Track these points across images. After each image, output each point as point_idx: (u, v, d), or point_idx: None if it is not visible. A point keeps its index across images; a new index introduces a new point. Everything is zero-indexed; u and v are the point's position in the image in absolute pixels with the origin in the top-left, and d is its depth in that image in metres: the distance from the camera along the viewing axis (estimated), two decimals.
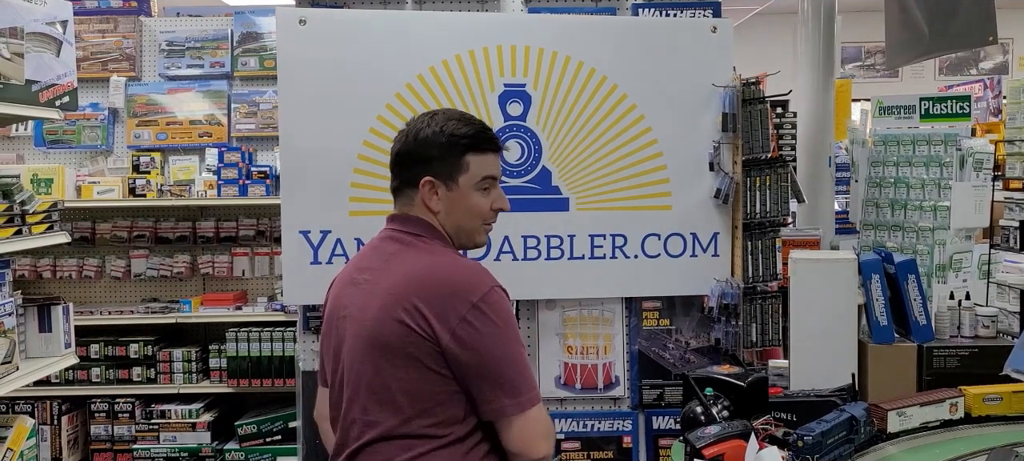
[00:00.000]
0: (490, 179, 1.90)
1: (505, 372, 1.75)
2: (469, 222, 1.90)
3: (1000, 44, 9.70)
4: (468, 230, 1.91)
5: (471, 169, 1.87)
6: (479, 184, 1.89)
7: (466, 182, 1.87)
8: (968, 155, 3.42)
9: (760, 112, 2.86)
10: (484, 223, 1.92)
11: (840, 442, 2.08)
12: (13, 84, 2.90)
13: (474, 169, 1.87)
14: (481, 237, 1.94)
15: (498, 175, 1.92)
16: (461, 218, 1.89)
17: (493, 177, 1.91)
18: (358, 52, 2.76)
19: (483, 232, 1.94)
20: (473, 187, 1.88)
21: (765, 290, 2.89)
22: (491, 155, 1.90)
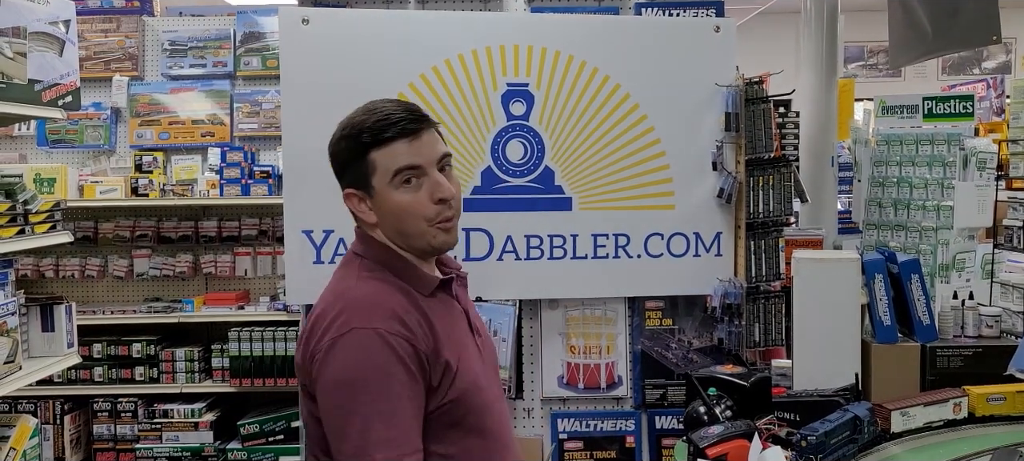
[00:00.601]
0: (409, 170, 1.59)
1: (339, 426, 1.52)
2: (407, 226, 1.62)
3: (1003, 43, 9.68)
4: (413, 234, 1.62)
5: (379, 167, 1.60)
6: (394, 181, 1.60)
7: (380, 183, 1.61)
8: (971, 155, 3.42)
9: (763, 111, 2.85)
10: (431, 222, 1.61)
11: (844, 442, 2.08)
12: (16, 83, 2.90)
13: (382, 166, 1.60)
14: (438, 238, 1.63)
15: (422, 162, 1.60)
16: (396, 223, 1.62)
17: (413, 167, 1.59)
18: (361, 52, 2.76)
19: (438, 231, 1.62)
20: (389, 186, 1.60)
21: (768, 290, 2.88)
22: (399, 143, 1.59)
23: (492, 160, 2.82)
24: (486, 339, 1.82)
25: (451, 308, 1.69)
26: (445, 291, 1.69)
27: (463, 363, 1.63)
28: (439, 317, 1.63)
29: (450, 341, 1.62)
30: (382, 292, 1.60)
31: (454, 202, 1.64)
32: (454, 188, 1.64)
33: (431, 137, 1.62)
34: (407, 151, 1.59)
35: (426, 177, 1.60)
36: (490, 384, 1.73)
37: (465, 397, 1.62)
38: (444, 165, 1.64)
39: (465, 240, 2.79)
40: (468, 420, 1.63)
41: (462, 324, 1.71)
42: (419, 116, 1.62)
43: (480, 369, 1.69)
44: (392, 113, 1.60)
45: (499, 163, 2.82)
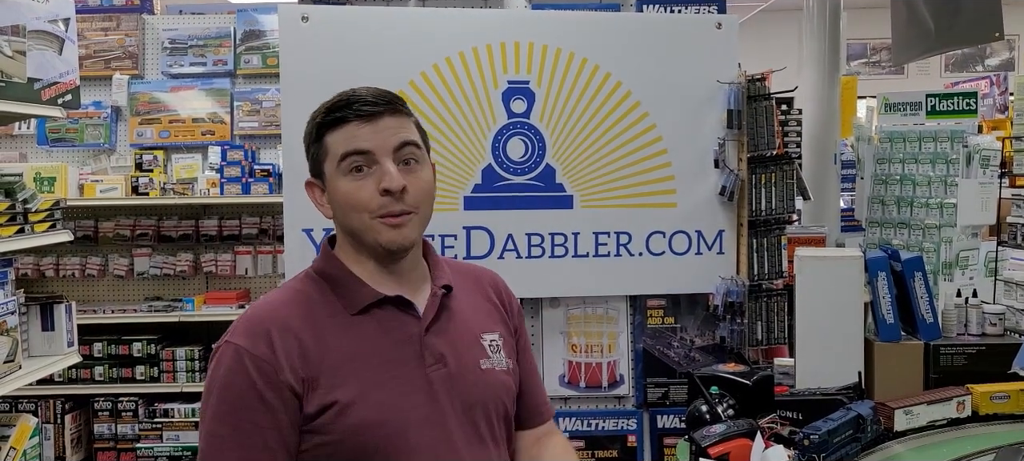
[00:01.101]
0: (357, 155, 1.41)
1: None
2: (351, 219, 1.43)
3: (1006, 40, 9.67)
4: (358, 229, 1.43)
5: (330, 151, 1.43)
6: (342, 167, 1.42)
7: (330, 169, 1.44)
8: (975, 152, 3.40)
9: (765, 109, 2.84)
10: (374, 215, 1.41)
11: (846, 441, 2.07)
12: (15, 82, 2.89)
13: (332, 150, 1.43)
14: (383, 234, 1.42)
15: (371, 147, 1.41)
16: (342, 216, 1.45)
17: (360, 151, 1.40)
18: (360, 49, 2.75)
19: (383, 227, 1.41)
20: (337, 172, 1.43)
21: (770, 288, 2.87)
22: (352, 125, 1.41)
23: (493, 158, 2.81)
24: (463, 371, 1.48)
25: (391, 331, 1.45)
26: (397, 309, 1.46)
27: (364, 400, 1.39)
28: (355, 340, 1.42)
29: (355, 372, 1.40)
30: (280, 304, 1.45)
31: (408, 197, 1.42)
32: (406, 181, 1.42)
33: (391, 123, 1.43)
34: (357, 134, 1.41)
35: (377, 165, 1.41)
36: (425, 426, 1.42)
37: (355, 439, 1.38)
38: (406, 157, 1.43)
39: (466, 238, 2.79)
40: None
41: (403, 351, 1.44)
42: (384, 99, 1.44)
43: (408, 406, 1.41)
44: (353, 95, 1.44)
45: (500, 161, 2.81)
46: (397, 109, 1.46)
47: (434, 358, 1.46)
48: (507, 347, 1.57)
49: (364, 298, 1.45)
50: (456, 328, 1.51)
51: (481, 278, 1.65)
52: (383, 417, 1.39)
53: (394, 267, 1.48)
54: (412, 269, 1.50)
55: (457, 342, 1.50)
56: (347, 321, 1.44)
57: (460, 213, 2.79)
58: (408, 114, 1.48)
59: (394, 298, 1.46)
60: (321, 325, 1.43)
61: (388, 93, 1.47)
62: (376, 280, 1.47)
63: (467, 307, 1.55)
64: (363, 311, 1.45)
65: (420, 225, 1.47)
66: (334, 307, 1.45)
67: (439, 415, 1.44)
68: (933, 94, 3.73)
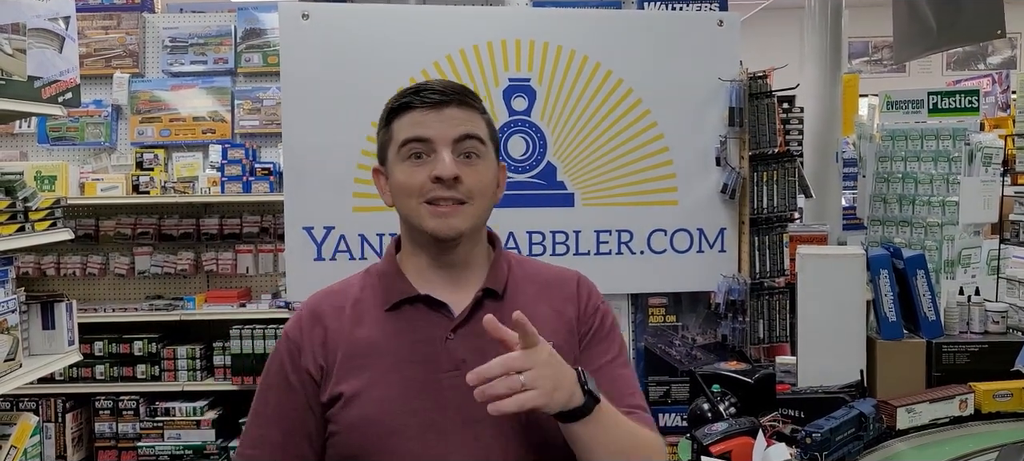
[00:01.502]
0: (416, 142, 1.40)
1: None
2: (403, 205, 1.43)
3: (1008, 38, 9.65)
4: (409, 215, 1.43)
5: (394, 137, 1.44)
6: (401, 153, 1.42)
7: (392, 156, 1.44)
8: (977, 150, 3.39)
9: (767, 106, 2.83)
10: (422, 199, 1.40)
11: (849, 439, 2.06)
12: (15, 80, 2.89)
13: (395, 136, 1.43)
14: (428, 220, 1.40)
15: (431, 135, 1.40)
16: (398, 204, 1.45)
17: (420, 138, 1.40)
18: (361, 47, 2.74)
19: (427, 213, 1.40)
20: (397, 158, 1.43)
21: (772, 286, 2.87)
22: (416, 113, 1.41)
23: None
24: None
25: (415, 330, 1.42)
26: (429, 308, 1.43)
27: (367, 395, 1.38)
28: (378, 335, 1.42)
29: (366, 367, 1.40)
30: (326, 293, 1.50)
31: (461, 187, 1.39)
32: (461, 171, 1.39)
33: (457, 114, 1.42)
34: (420, 121, 1.41)
35: (436, 154, 1.40)
36: (422, 432, 1.37)
37: (352, 433, 1.38)
38: (468, 150, 1.41)
39: None
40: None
41: (420, 352, 1.41)
42: (453, 90, 1.43)
43: (409, 409, 1.37)
44: (424, 83, 1.45)
45: (501, 158, 2.80)
46: (466, 101, 1.44)
47: (452, 363, 1.39)
48: (563, 357, 1.39)
49: (397, 294, 1.44)
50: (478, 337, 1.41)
51: (556, 284, 1.54)
52: (380, 415, 1.37)
53: (444, 260, 1.45)
54: (464, 266, 1.46)
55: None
56: (379, 316, 1.44)
57: None
58: (477, 109, 1.46)
59: (425, 296, 1.43)
60: (354, 317, 1.44)
61: (460, 86, 1.46)
62: (424, 275, 1.45)
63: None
64: (395, 307, 1.44)
65: (472, 218, 1.42)
66: (375, 301, 1.46)
67: (442, 424, 1.37)
68: (935, 92, 3.72)
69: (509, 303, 1.44)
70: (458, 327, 1.42)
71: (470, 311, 1.42)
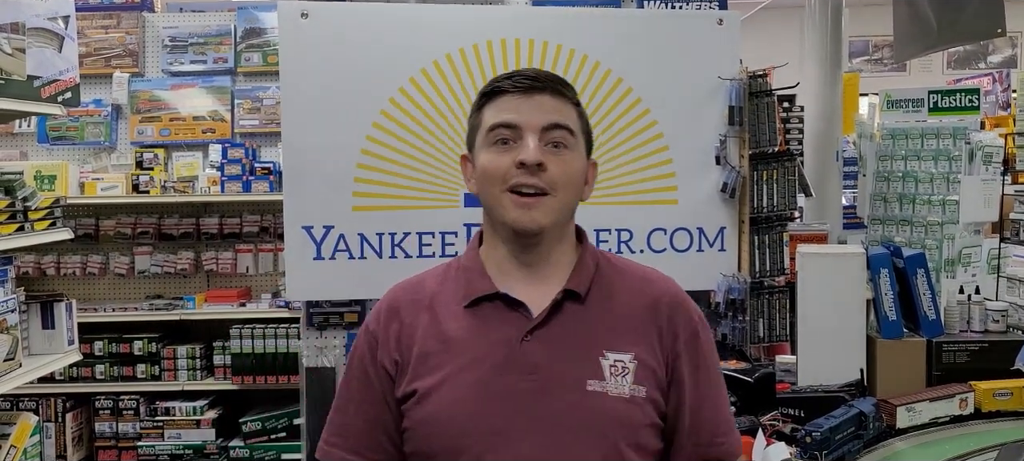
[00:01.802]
0: (504, 128, 1.35)
1: None
2: (486, 192, 1.38)
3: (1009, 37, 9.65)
4: (491, 204, 1.38)
5: (483, 122, 1.39)
6: (488, 138, 1.37)
7: (480, 141, 1.40)
8: (977, 149, 3.38)
9: (767, 105, 2.83)
10: (504, 187, 1.34)
11: (849, 438, 2.06)
12: (15, 79, 2.89)
13: (484, 121, 1.39)
14: (510, 211, 1.34)
15: (520, 122, 1.35)
16: (481, 191, 1.40)
17: (508, 124, 1.35)
18: (361, 46, 2.74)
19: (509, 202, 1.34)
20: (483, 144, 1.38)
21: (772, 285, 2.86)
22: (506, 98, 1.37)
23: None
24: (559, 388, 1.33)
25: (492, 330, 1.37)
26: (507, 306, 1.38)
27: (439, 393, 1.35)
28: (455, 332, 1.38)
29: (441, 364, 1.37)
30: (406, 285, 1.47)
31: (545, 176, 1.33)
32: (546, 159, 1.33)
33: (549, 102, 1.37)
34: (508, 107, 1.36)
35: (522, 141, 1.34)
36: (491, 438, 1.32)
37: (423, 430, 1.36)
38: (556, 139, 1.36)
39: (466, 235, 2.77)
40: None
41: (494, 354, 1.35)
42: (547, 77, 1.39)
43: (480, 413, 1.33)
44: (519, 70, 1.42)
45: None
46: (559, 91, 1.39)
47: (525, 368, 1.34)
48: (643, 373, 1.36)
49: (475, 291, 1.40)
50: (572, 339, 1.36)
51: (647, 292, 1.44)
52: (450, 416, 1.34)
53: (525, 257, 1.39)
54: (546, 263, 1.40)
55: (564, 356, 1.35)
56: (457, 312, 1.40)
57: (461, 210, 2.78)
58: (571, 99, 1.41)
59: (503, 294, 1.38)
60: (431, 313, 1.41)
61: (554, 75, 1.42)
62: (504, 270, 1.40)
63: (600, 320, 1.39)
64: (474, 304, 1.39)
65: (555, 212, 1.36)
66: (454, 296, 1.42)
67: (510, 430, 1.32)
68: (935, 91, 3.71)
69: (591, 307, 1.39)
70: (534, 329, 1.36)
71: (548, 314, 1.37)
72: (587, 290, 1.40)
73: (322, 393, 2.83)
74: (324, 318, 2.85)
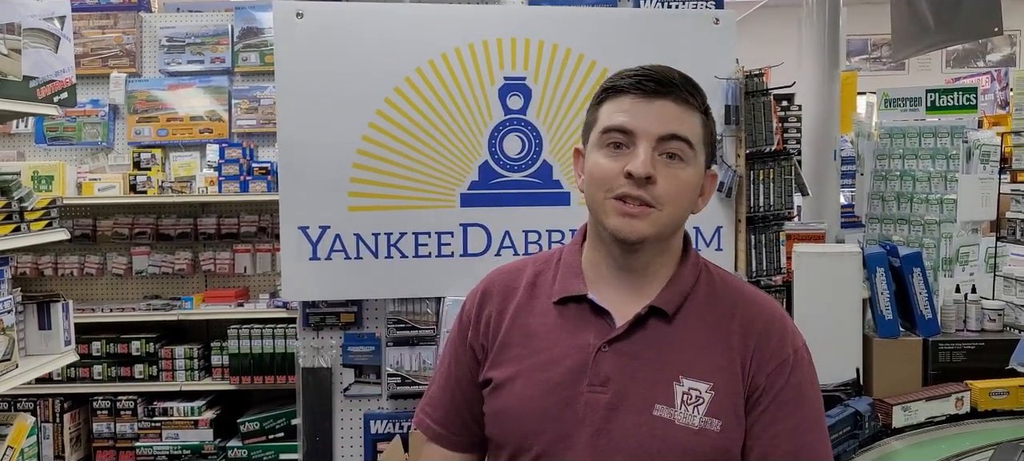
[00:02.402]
0: (618, 132, 1.30)
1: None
2: (591, 194, 1.33)
3: (1007, 36, 9.65)
4: (594, 206, 1.33)
5: (599, 121, 1.34)
6: (601, 139, 1.32)
7: (593, 139, 1.34)
8: (975, 147, 3.39)
9: (763, 105, 2.83)
10: (610, 194, 1.29)
11: (844, 437, 2.06)
12: (10, 80, 2.88)
13: (600, 120, 1.34)
14: (611, 218, 1.29)
15: (635, 127, 1.29)
16: (587, 190, 1.35)
17: (622, 129, 1.29)
18: (356, 46, 2.74)
19: (611, 209, 1.29)
20: (596, 145, 1.33)
21: (769, 284, 2.86)
22: (625, 99, 1.32)
23: (489, 154, 2.79)
24: (626, 407, 1.28)
25: (575, 332, 1.34)
26: (593, 312, 1.35)
27: (512, 385, 1.35)
28: (539, 327, 1.37)
29: (520, 358, 1.36)
30: (503, 271, 1.47)
31: (654, 189, 1.27)
32: (657, 172, 1.27)
33: (671, 109, 1.31)
34: (626, 110, 1.31)
35: (635, 148, 1.28)
36: (552, 446, 1.30)
37: (495, 421, 1.37)
38: (672, 150, 1.29)
39: (463, 235, 2.77)
40: (505, 456, 1.37)
41: (571, 359, 1.32)
42: (672, 81, 1.33)
43: (547, 416, 1.31)
44: (644, 68, 1.35)
45: (496, 157, 2.80)
46: (684, 98, 1.33)
47: (598, 378, 1.30)
48: (720, 404, 1.28)
49: (565, 290, 1.37)
50: (649, 357, 1.31)
51: (740, 313, 1.34)
52: (519, 412, 1.33)
53: (622, 263, 1.34)
54: (643, 274, 1.35)
55: (638, 373, 1.30)
56: (545, 306, 1.38)
57: (457, 210, 2.78)
58: (698, 107, 1.34)
59: (590, 299, 1.35)
60: (521, 303, 1.40)
61: (684, 77, 1.35)
62: (599, 274, 1.37)
63: (683, 341, 1.32)
64: (562, 302, 1.37)
65: (659, 226, 1.29)
66: (548, 290, 1.40)
67: (573, 438, 1.29)
68: (933, 89, 3.72)
69: (677, 326, 1.33)
70: (614, 341, 1.31)
71: (629, 327, 1.32)
72: (677, 308, 1.33)
73: (319, 393, 2.83)
74: (320, 318, 2.85)
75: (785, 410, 1.29)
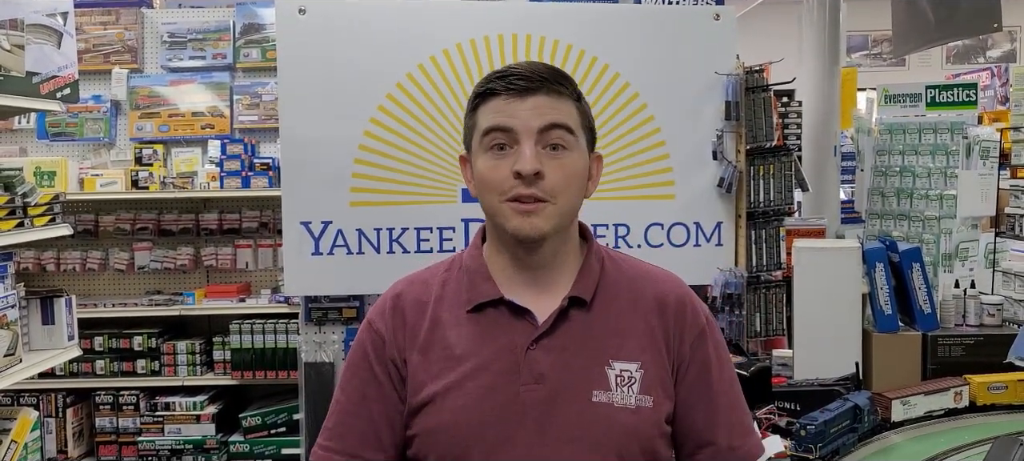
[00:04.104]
0: (498, 132, 1.30)
1: None
2: (485, 200, 1.34)
3: (1007, 32, 9.64)
4: (491, 212, 1.34)
5: (478, 125, 1.34)
6: (483, 143, 1.32)
7: (476, 145, 1.35)
8: (974, 143, 3.40)
9: (764, 100, 2.84)
10: (504, 197, 1.30)
11: (844, 431, 2.07)
12: (13, 76, 2.89)
13: (479, 124, 1.34)
14: (510, 220, 1.30)
15: (515, 125, 1.29)
16: (480, 197, 1.36)
17: (502, 128, 1.30)
18: (359, 41, 2.75)
19: (511, 212, 1.30)
20: (479, 149, 1.34)
21: (769, 279, 2.87)
22: (499, 100, 1.31)
23: None
24: (565, 398, 1.31)
25: (497, 336, 1.34)
26: (512, 313, 1.35)
27: (443, 400, 1.32)
28: (458, 338, 1.35)
29: (445, 371, 1.34)
30: (409, 281, 1.43)
31: (543, 184, 1.29)
32: (544, 166, 1.29)
33: (544, 102, 1.31)
34: (503, 110, 1.30)
35: (518, 146, 1.29)
36: (499, 447, 1.30)
37: (426, 438, 1.33)
38: (554, 141, 1.31)
39: (464, 231, 2.79)
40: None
41: (501, 361, 1.33)
42: (540, 75, 1.32)
43: (487, 421, 1.30)
44: (511, 67, 1.34)
45: None
46: (555, 88, 1.32)
47: (532, 376, 1.31)
48: (649, 381, 1.33)
49: (479, 296, 1.36)
50: (577, 347, 1.33)
51: (651, 293, 1.40)
52: (456, 424, 1.31)
53: (528, 261, 1.36)
54: (550, 268, 1.37)
55: (571, 364, 1.32)
56: (460, 316, 1.36)
57: (458, 206, 2.79)
58: (569, 95, 1.34)
59: (509, 301, 1.35)
60: (435, 314, 1.38)
61: (551, 69, 1.35)
62: (507, 275, 1.37)
63: (606, 326, 1.36)
64: (477, 309, 1.36)
65: (556, 217, 1.31)
66: (457, 299, 1.38)
67: (517, 438, 1.30)
68: (933, 85, 3.72)
69: (597, 313, 1.36)
70: (540, 337, 1.33)
71: (554, 322, 1.34)
72: (593, 296, 1.37)
73: (321, 388, 2.84)
74: (322, 313, 2.86)
75: (710, 375, 1.39)
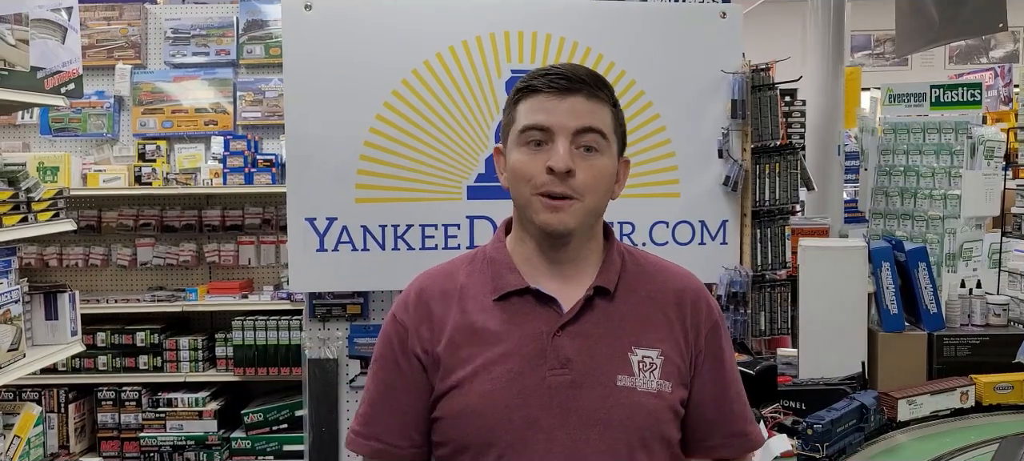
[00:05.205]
0: (536, 130, 1.36)
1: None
2: (517, 192, 1.39)
3: (1011, 32, 9.63)
4: (521, 204, 1.39)
5: (517, 120, 1.40)
6: (520, 138, 1.38)
7: (512, 138, 1.40)
8: (979, 143, 3.39)
9: (769, 99, 2.83)
10: (535, 191, 1.35)
11: (850, 430, 2.07)
12: (18, 70, 2.89)
13: (518, 119, 1.39)
14: (540, 213, 1.35)
15: (552, 124, 1.35)
16: (512, 188, 1.41)
17: (540, 127, 1.35)
18: (364, 38, 2.74)
19: (540, 206, 1.35)
20: (515, 143, 1.39)
21: (774, 278, 2.87)
22: (540, 97, 1.37)
23: None
24: (591, 383, 1.36)
25: (523, 323, 1.39)
26: (537, 301, 1.40)
27: (470, 385, 1.37)
28: (485, 325, 1.39)
29: (473, 357, 1.38)
30: (433, 274, 1.48)
31: (574, 182, 1.35)
32: (576, 165, 1.35)
33: (582, 104, 1.37)
34: (543, 107, 1.36)
35: (553, 144, 1.35)
36: (527, 430, 1.34)
37: (455, 425, 1.38)
38: (588, 143, 1.36)
39: (469, 227, 2.78)
40: (468, 457, 1.38)
41: (528, 347, 1.37)
42: (580, 77, 1.38)
43: (514, 405, 1.34)
44: (554, 67, 1.40)
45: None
46: (594, 92, 1.39)
47: (558, 361, 1.36)
48: (669, 368, 1.40)
49: (506, 285, 1.41)
50: (601, 335, 1.39)
51: (670, 287, 1.47)
52: (482, 408, 1.35)
53: (554, 255, 1.41)
54: (575, 260, 1.42)
55: (595, 351, 1.38)
56: (486, 305, 1.41)
57: (463, 203, 2.78)
58: (606, 100, 1.41)
59: (535, 290, 1.40)
60: (461, 304, 1.42)
61: (591, 73, 1.41)
62: (532, 265, 1.42)
63: (628, 315, 1.42)
64: (503, 297, 1.41)
65: (582, 215, 1.37)
66: (483, 288, 1.43)
67: (543, 422, 1.34)
68: (937, 85, 3.72)
69: (620, 303, 1.42)
70: (566, 324, 1.38)
71: (580, 309, 1.39)
72: (616, 286, 1.42)
73: (324, 385, 2.84)
74: (327, 310, 2.86)
75: (722, 365, 1.48)
